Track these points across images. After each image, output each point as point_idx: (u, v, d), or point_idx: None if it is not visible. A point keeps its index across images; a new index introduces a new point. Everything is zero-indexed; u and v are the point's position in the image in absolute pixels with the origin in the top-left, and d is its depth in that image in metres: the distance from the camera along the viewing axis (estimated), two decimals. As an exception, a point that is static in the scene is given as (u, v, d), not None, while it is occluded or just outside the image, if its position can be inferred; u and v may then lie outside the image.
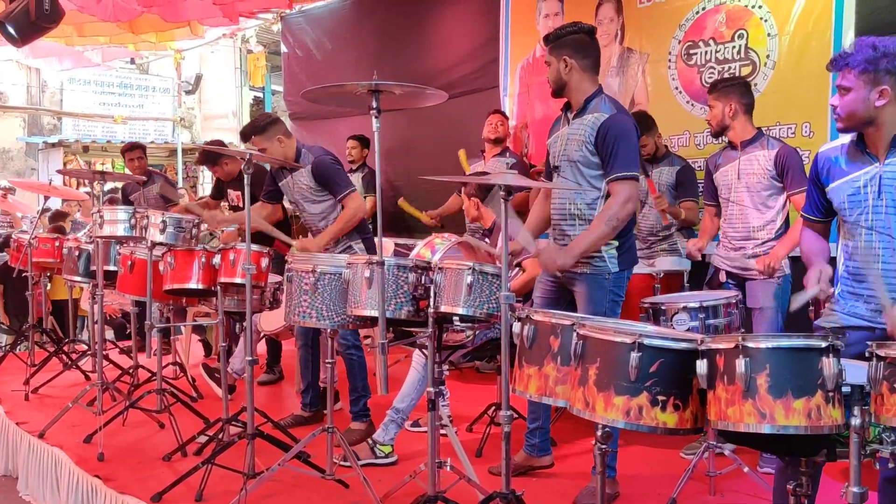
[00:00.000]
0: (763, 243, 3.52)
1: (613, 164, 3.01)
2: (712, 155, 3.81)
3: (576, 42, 3.13)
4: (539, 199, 3.45)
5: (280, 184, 4.16)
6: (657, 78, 5.10)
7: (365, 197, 6.82)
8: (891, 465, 1.82)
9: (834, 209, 2.47)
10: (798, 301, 2.24)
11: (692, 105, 4.89)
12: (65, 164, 12.81)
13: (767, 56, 4.51)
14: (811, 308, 3.51)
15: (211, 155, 5.35)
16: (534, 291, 3.38)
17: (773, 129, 4.45)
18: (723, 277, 3.68)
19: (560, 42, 3.15)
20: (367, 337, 4.85)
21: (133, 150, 6.37)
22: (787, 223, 3.54)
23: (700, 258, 3.78)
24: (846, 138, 2.45)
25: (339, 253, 4.06)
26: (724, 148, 3.71)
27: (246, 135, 4.06)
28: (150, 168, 6.62)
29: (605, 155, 3.04)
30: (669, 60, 5.02)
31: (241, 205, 5.39)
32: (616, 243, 3.10)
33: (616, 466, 3.17)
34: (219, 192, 5.78)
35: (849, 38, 4.12)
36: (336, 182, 3.98)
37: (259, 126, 4.02)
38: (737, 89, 3.59)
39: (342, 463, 3.37)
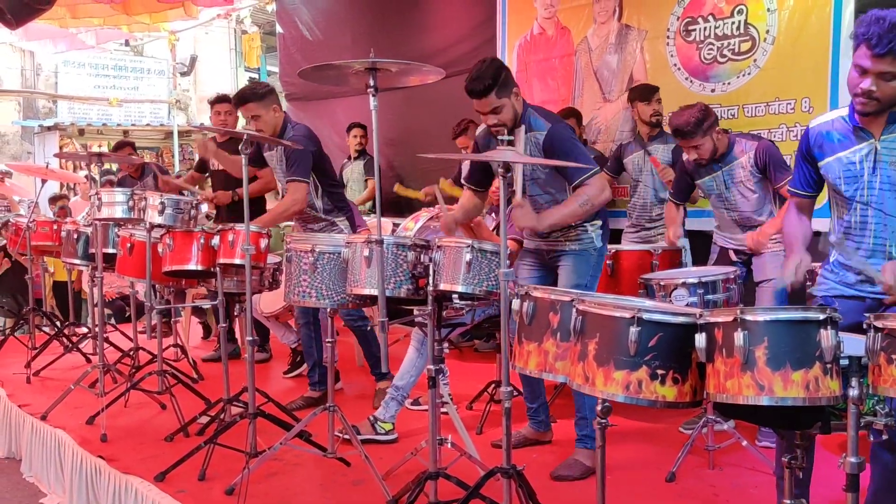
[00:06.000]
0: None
1: (576, 168, 3.03)
2: (689, 160, 3.71)
3: (508, 75, 3.15)
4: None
5: (265, 154, 4.21)
6: (655, 55, 5.07)
7: (366, 180, 6.85)
8: (885, 437, 1.84)
9: (826, 184, 2.44)
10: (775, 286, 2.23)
11: (691, 82, 4.87)
12: (61, 147, 12.74)
13: (767, 31, 4.49)
14: (808, 283, 3.53)
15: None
16: (517, 272, 3.39)
17: (773, 105, 4.44)
18: (732, 256, 3.69)
19: (504, 83, 3.10)
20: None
21: (125, 148, 6.71)
22: (781, 203, 3.55)
23: (677, 245, 3.86)
24: (836, 112, 2.41)
25: (320, 231, 4.08)
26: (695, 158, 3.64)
27: (244, 99, 4.06)
28: (143, 161, 6.80)
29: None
30: (668, 37, 4.99)
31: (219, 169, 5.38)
32: (599, 221, 3.26)
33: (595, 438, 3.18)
34: (202, 167, 5.76)
35: (848, 13, 4.10)
36: (296, 162, 3.97)
37: (258, 93, 4.06)
38: (712, 117, 3.53)
39: (343, 436, 3.38)
